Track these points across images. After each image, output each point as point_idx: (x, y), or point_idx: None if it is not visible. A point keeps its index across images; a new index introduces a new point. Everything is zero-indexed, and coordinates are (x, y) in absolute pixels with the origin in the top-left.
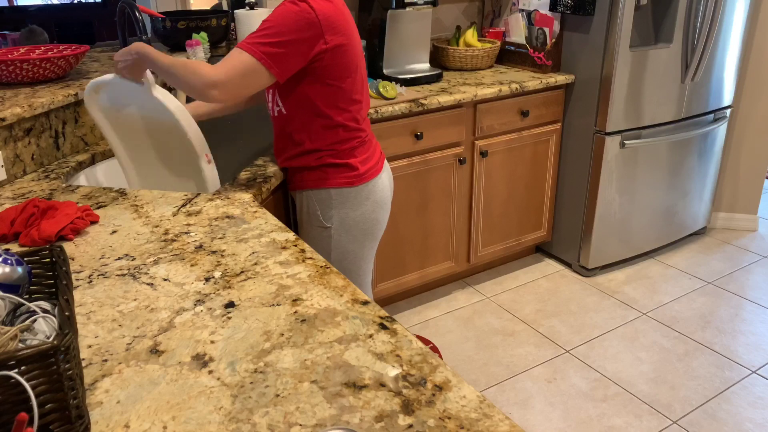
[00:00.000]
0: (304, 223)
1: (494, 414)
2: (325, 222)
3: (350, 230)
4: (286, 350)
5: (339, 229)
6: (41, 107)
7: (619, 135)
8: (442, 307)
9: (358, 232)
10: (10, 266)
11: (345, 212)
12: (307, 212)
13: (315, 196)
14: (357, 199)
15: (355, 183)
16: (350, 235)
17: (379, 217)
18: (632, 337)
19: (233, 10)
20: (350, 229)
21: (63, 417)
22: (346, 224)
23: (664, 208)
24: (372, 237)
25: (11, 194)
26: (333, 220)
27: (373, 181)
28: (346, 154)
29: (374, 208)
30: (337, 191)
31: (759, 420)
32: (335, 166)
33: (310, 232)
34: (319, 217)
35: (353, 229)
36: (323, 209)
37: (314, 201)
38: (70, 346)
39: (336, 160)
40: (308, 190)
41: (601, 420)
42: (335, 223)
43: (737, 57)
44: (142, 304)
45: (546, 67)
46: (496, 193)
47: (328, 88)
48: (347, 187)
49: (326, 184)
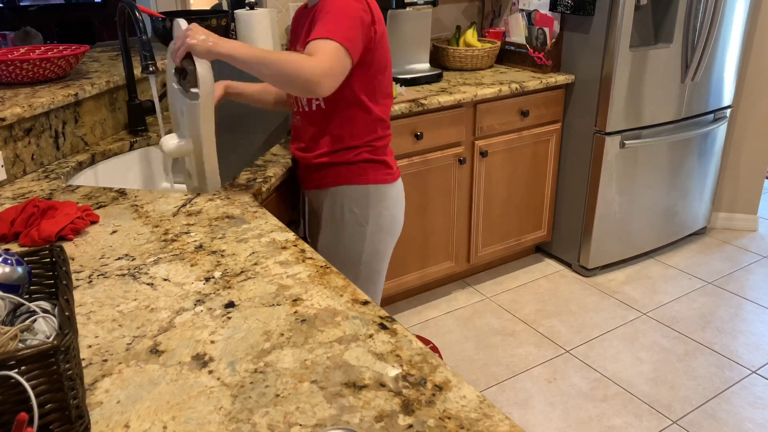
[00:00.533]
0: (335, 221)
1: (494, 414)
2: (361, 220)
3: (382, 229)
4: (286, 350)
5: (374, 228)
6: (41, 107)
7: (619, 135)
8: (442, 307)
9: (386, 232)
10: (10, 266)
11: (379, 211)
12: (340, 209)
13: (352, 193)
14: (391, 198)
15: (391, 180)
16: (382, 235)
17: (402, 217)
18: (632, 337)
19: (233, 10)
20: (382, 228)
21: (63, 417)
22: (380, 223)
23: (664, 208)
24: (396, 238)
25: (11, 194)
26: (369, 219)
27: (400, 180)
28: (381, 151)
29: (401, 208)
30: (375, 188)
31: (759, 420)
32: (373, 163)
33: (343, 231)
34: (355, 215)
35: (384, 229)
36: (360, 207)
37: (350, 198)
38: (70, 346)
39: (374, 156)
40: (344, 186)
41: (601, 420)
42: (371, 221)
43: (737, 57)
44: (142, 304)
45: (546, 67)
46: (496, 193)
47: (372, 79)
48: (384, 184)
49: (365, 180)
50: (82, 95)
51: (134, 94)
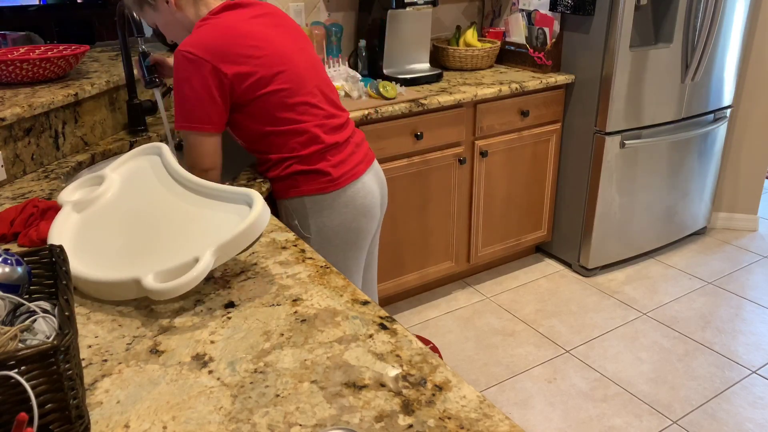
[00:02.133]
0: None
1: (494, 414)
2: (303, 231)
3: (330, 240)
4: (286, 350)
5: (317, 239)
6: (41, 107)
7: (619, 135)
8: (442, 307)
9: (338, 241)
10: (10, 266)
11: (322, 221)
12: (287, 223)
13: (290, 206)
14: (334, 207)
15: (329, 189)
16: (331, 245)
17: (362, 225)
18: (632, 337)
19: None
20: (330, 238)
21: (63, 417)
22: (324, 233)
23: (664, 208)
24: (355, 247)
25: (11, 194)
26: (311, 230)
27: (351, 186)
28: (314, 159)
29: (355, 215)
30: (310, 199)
31: (759, 420)
32: (304, 173)
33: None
34: (297, 227)
35: (333, 239)
36: (300, 218)
37: (290, 210)
38: (70, 346)
39: (303, 166)
40: (284, 200)
41: (601, 420)
42: (313, 232)
43: (737, 57)
44: (142, 304)
45: (546, 67)
46: (496, 193)
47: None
48: (320, 194)
49: (297, 193)
50: (82, 95)
51: (134, 94)
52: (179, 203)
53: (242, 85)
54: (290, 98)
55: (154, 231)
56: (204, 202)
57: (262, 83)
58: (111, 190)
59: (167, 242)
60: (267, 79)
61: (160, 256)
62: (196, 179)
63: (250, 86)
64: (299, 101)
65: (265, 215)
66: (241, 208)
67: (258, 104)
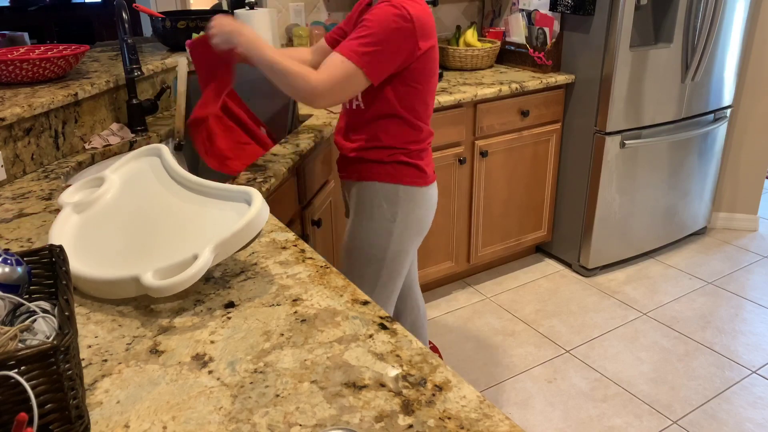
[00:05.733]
0: (363, 213)
1: (494, 414)
2: (388, 216)
3: (410, 229)
4: (286, 350)
5: (401, 226)
6: (41, 107)
7: (619, 135)
8: (442, 307)
9: (414, 232)
10: (10, 266)
11: (408, 210)
12: (370, 204)
13: (383, 190)
14: (421, 200)
15: (422, 184)
16: (409, 234)
17: (431, 221)
18: (632, 337)
19: (233, 9)
20: (410, 227)
21: (63, 417)
22: (408, 222)
23: (664, 208)
24: (421, 240)
25: (11, 194)
26: (398, 217)
27: (433, 185)
28: (416, 155)
29: (431, 211)
30: (405, 189)
31: (759, 420)
32: (407, 165)
33: (370, 225)
34: (383, 210)
35: (412, 229)
36: (389, 204)
37: (381, 194)
38: (70, 346)
39: (408, 159)
40: (376, 183)
41: (601, 420)
42: (399, 219)
43: (737, 57)
44: (142, 303)
45: (546, 67)
46: (496, 193)
47: (410, 90)
48: (415, 186)
49: (397, 181)
50: (81, 95)
51: (134, 94)
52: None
53: (420, 63)
54: (430, 96)
55: (154, 230)
56: (203, 200)
57: (430, 71)
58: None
59: (166, 240)
60: (433, 69)
61: (159, 254)
62: (196, 179)
63: (424, 68)
64: (431, 101)
65: (264, 212)
66: (241, 206)
67: (416, 86)
